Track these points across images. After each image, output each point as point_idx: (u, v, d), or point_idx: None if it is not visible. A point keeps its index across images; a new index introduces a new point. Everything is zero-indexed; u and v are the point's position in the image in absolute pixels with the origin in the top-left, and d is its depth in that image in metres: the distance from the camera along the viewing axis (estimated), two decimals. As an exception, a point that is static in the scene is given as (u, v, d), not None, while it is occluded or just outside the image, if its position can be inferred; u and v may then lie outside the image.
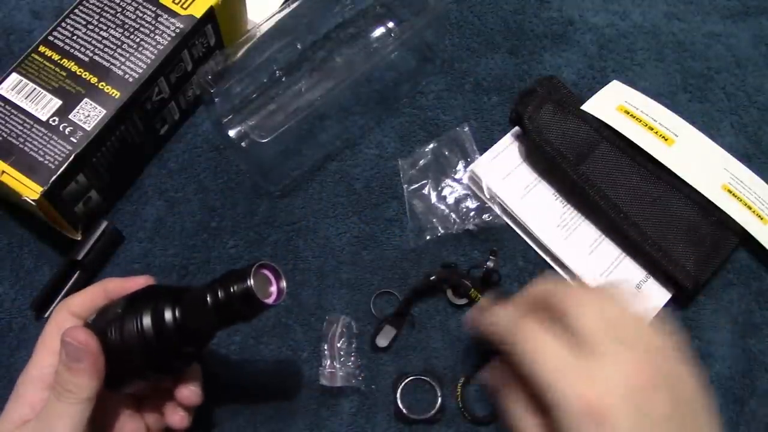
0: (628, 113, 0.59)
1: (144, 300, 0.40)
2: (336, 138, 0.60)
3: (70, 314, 0.42)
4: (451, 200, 0.57)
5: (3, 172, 0.50)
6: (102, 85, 0.52)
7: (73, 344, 0.37)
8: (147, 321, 0.38)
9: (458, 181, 0.58)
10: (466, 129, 0.60)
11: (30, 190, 0.49)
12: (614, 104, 0.59)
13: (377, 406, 0.51)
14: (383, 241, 0.56)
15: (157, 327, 0.38)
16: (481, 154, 0.59)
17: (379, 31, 0.60)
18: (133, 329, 0.38)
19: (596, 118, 0.58)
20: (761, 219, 0.56)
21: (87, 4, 0.55)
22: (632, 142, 0.57)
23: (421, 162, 0.58)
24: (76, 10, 0.55)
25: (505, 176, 0.58)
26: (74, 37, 0.54)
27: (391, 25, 0.60)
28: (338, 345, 0.51)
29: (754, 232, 0.55)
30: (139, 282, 0.43)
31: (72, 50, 0.54)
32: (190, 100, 0.60)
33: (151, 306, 0.39)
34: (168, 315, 0.39)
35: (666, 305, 0.54)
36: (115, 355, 0.38)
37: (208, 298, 0.38)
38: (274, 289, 0.39)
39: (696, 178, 0.56)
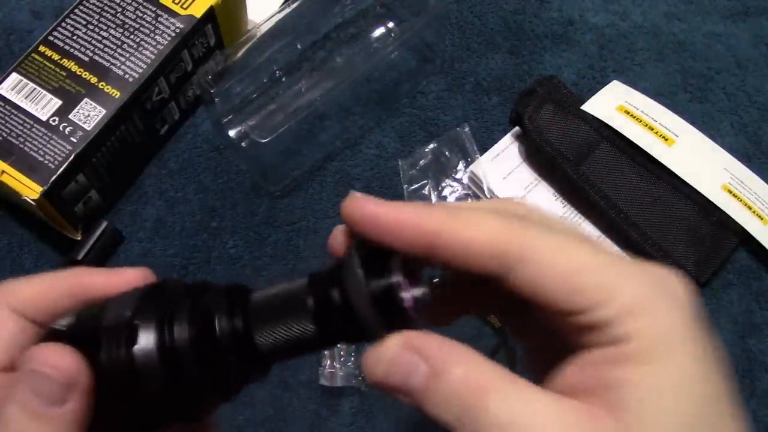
0: (628, 113, 0.59)
1: (170, 300, 0.25)
2: (336, 138, 0.60)
3: (11, 310, 0.26)
4: (451, 200, 0.57)
5: (3, 172, 0.50)
6: (102, 85, 0.52)
7: (51, 376, 0.22)
8: (185, 331, 0.24)
9: (458, 181, 0.58)
10: (466, 129, 0.60)
11: (30, 190, 0.49)
12: (614, 104, 0.59)
13: (377, 406, 0.51)
14: (383, 241, 0.56)
15: (207, 341, 0.24)
16: (481, 154, 0.59)
17: (379, 31, 0.60)
18: (152, 346, 0.23)
19: (596, 118, 0.58)
20: (761, 219, 0.56)
21: (87, 4, 0.55)
22: (632, 142, 0.57)
23: (421, 162, 0.58)
24: (76, 10, 0.55)
25: (505, 176, 0.58)
26: (74, 37, 0.54)
27: (391, 25, 0.60)
28: (338, 345, 0.51)
29: (754, 232, 0.55)
30: (133, 277, 0.27)
31: (72, 50, 0.54)
32: (190, 100, 0.60)
33: (187, 309, 0.24)
34: (224, 323, 0.24)
35: (666, 305, 0.54)
36: (114, 390, 0.24)
37: (309, 301, 0.24)
38: (409, 295, 0.23)
39: (696, 178, 0.56)
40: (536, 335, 0.26)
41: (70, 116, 0.51)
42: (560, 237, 0.22)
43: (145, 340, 0.24)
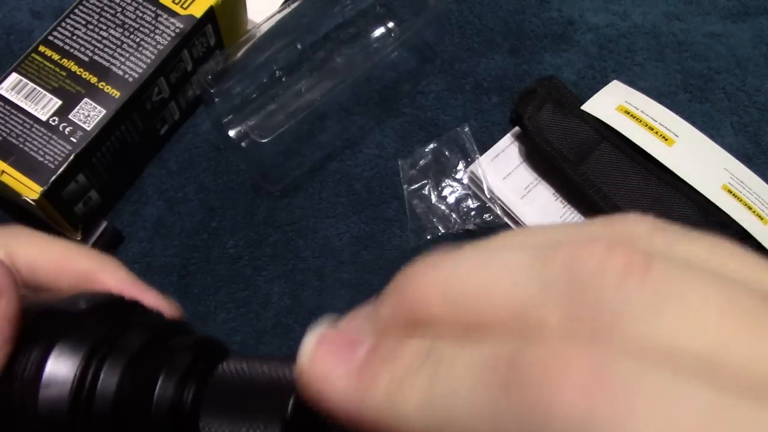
0: (628, 113, 0.59)
1: (124, 329, 0.19)
2: (336, 138, 0.60)
3: (6, 255, 0.23)
4: (451, 200, 0.57)
5: (3, 172, 0.50)
6: (102, 85, 0.52)
7: None
8: (113, 383, 0.18)
9: (458, 181, 0.58)
10: (466, 129, 0.60)
11: (30, 190, 0.49)
12: (614, 104, 0.59)
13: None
14: (383, 242, 0.56)
15: (133, 407, 0.18)
16: (481, 154, 0.59)
17: (379, 31, 0.60)
18: (65, 377, 0.17)
19: (596, 118, 0.58)
20: (761, 219, 0.56)
21: (87, 4, 0.55)
22: (632, 142, 0.57)
23: (421, 162, 0.58)
24: (76, 10, 0.55)
25: (505, 176, 0.58)
26: (74, 37, 0.54)
27: (391, 25, 0.60)
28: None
29: (754, 232, 0.55)
30: (154, 303, 0.23)
31: (72, 50, 0.54)
32: (190, 100, 0.60)
33: (130, 351, 0.19)
34: (167, 392, 0.18)
35: (666, 305, 0.54)
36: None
37: (290, 403, 0.17)
38: None
39: (696, 178, 0.56)
40: None
41: (70, 116, 0.51)
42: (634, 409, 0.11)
43: (63, 365, 0.17)
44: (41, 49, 0.54)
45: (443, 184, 0.58)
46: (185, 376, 0.18)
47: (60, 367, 0.17)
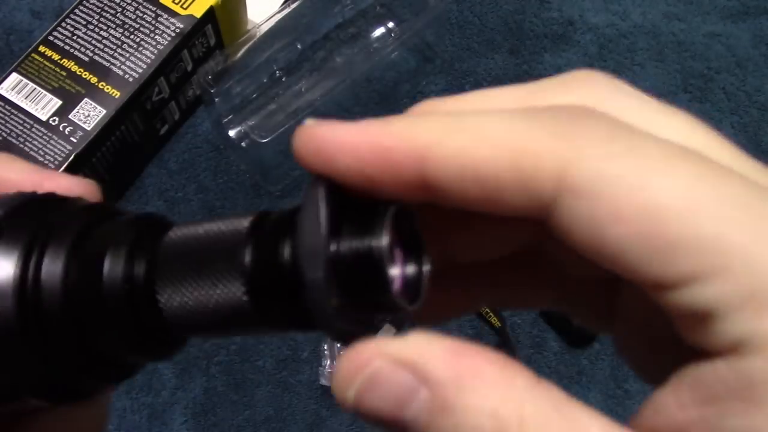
0: (628, 113, 0.59)
1: (55, 218, 0.17)
2: (336, 138, 0.60)
3: None
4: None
5: (3, 172, 0.50)
6: (102, 85, 0.52)
7: None
8: (59, 266, 0.17)
9: (458, 181, 0.58)
10: (466, 129, 0.60)
11: (30, 190, 0.49)
12: (614, 104, 0.59)
13: (377, 406, 0.51)
14: (383, 241, 0.56)
15: (85, 287, 0.17)
16: (481, 154, 0.59)
17: (379, 31, 0.60)
18: (7, 276, 0.16)
19: (596, 118, 0.58)
20: (761, 219, 0.56)
21: (87, 4, 0.55)
22: (632, 142, 0.57)
23: (421, 162, 0.58)
24: (76, 10, 0.55)
25: (505, 176, 0.58)
26: (74, 37, 0.54)
27: (391, 25, 0.60)
28: (338, 345, 0.51)
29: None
30: (66, 185, 0.19)
31: (72, 50, 0.54)
32: (190, 100, 0.60)
33: (72, 235, 0.17)
34: (116, 266, 0.17)
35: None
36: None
37: (246, 254, 0.16)
38: (397, 272, 0.15)
39: (696, 178, 0.56)
40: (627, 321, 0.17)
41: (70, 116, 0.51)
42: (648, 149, 0.14)
43: (1, 267, 0.16)
44: (41, 49, 0.54)
45: (443, 184, 0.58)
46: (132, 251, 0.17)
47: (1, 260, 0.16)
